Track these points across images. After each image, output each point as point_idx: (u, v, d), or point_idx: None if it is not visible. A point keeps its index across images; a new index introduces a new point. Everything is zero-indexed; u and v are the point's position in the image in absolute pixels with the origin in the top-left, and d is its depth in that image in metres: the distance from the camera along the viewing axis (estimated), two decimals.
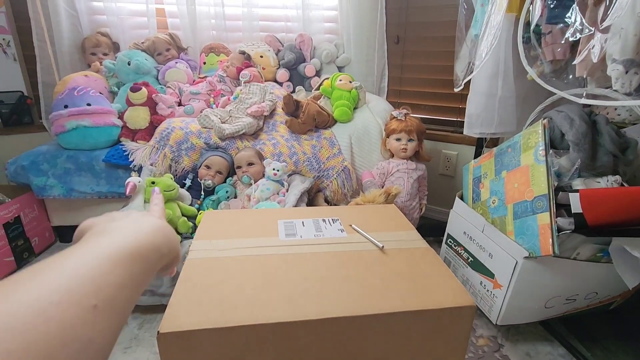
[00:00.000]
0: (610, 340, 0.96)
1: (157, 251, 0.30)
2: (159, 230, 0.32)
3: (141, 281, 0.27)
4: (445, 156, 1.63)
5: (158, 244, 0.30)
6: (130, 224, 0.31)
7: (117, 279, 0.24)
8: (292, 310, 0.55)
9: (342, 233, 0.77)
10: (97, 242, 0.26)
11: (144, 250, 0.28)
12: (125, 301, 0.24)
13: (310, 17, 1.66)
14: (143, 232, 0.30)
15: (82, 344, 0.20)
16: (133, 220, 0.32)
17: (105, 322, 0.22)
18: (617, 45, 0.73)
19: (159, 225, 0.33)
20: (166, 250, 0.32)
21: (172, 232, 0.34)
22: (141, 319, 1.06)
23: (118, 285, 0.24)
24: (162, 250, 0.31)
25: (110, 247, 0.26)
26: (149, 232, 0.30)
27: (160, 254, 0.30)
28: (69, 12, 1.52)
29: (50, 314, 0.19)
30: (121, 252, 0.26)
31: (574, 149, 0.85)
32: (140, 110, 1.36)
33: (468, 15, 1.15)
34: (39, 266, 0.22)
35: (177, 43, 1.61)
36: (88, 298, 0.21)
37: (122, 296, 0.24)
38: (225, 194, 1.23)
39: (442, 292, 0.61)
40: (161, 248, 0.31)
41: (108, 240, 0.27)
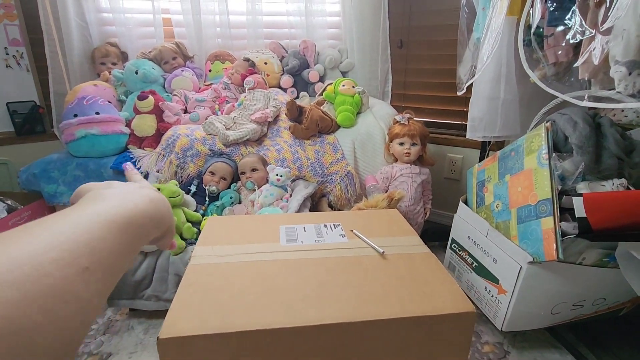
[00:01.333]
0: (620, 347, 0.94)
1: (150, 220, 0.30)
2: (152, 201, 0.32)
3: (133, 248, 0.27)
4: (451, 160, 1.62)
5: (151, 214, 0.31)
6: (126, 192, 0.31)
7: (109, 244, 0.24)
8: (291, 316, 0.55)
9: (343, 238, 0.77)
10: (93, 207, 0.26)
11: (138, 218, 0.28)
12: (115, 266, 0.25)
13: (314, 23, 1.68)
14: (138, 201, 0.30)
15: (80, 302, 0.20)
16: (129, 188, 0.32)
17: (96, 284, 0.22)
18: (620, 46, 0.72)
19: (154, 196, 0.33)
20: (160, 220, 0.32)
21: (165, 204, 0.35)
22: (147, 324, 1.07)
23: (110, 250, 0.24)
24: (155, 220, 0.31)
25: (104, 213, 0.26)
26: (143, 201, 0.31)
27: (153, 223, 0.31)
28: (79, 24, 1.57)
29: (48, 270, 0.19)
30: (115, 219, 0.26)
31: (578, 152, 0.84)
32: (147, 118, 1.39)
33: (470, 18, 1.15)
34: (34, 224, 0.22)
35: (183, 52, 1.65)
36: (81, 260, 0.21)
37: (113, 262, 0.24)
38: (230, 199, 1.24)
39: (443, 298, 0.60)
40: (154, 218, 0.31)
41: (103, 206, 0.27)
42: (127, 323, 1.08)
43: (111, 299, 1.03)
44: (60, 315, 0.19)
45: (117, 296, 1.03)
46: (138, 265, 1.02)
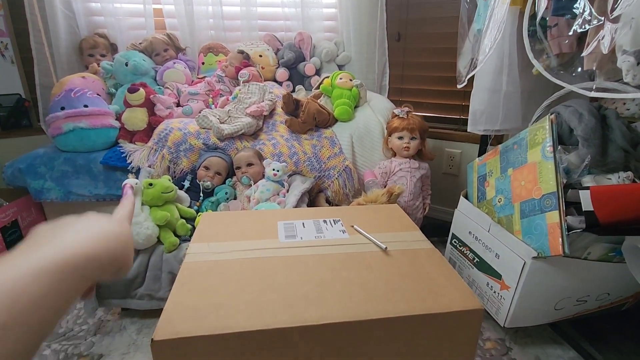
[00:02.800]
0: (622, 342, 0.93)
1: (94, 261, 0.29)
2: (105, 239, 0.30)
3: (70, 292, 0.26)
4: (449, 154, 1.60)
5: (97, 254, 0.29)
6: (75, 231, 0.29)
7: (40, 293, 0.23)
8: (291, 315, 0.53)
9: (343, 234, 0.75)
10: (26, 253, 0.25)
11: (77, 260, 0.27)
12: (47, 316, 0.23)
13: (310, 15, 1.64)
14: (83, 241, 0.28)
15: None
16: (80, 227, 0.30)
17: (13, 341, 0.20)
18: (628, 36, 0.70)
19: (109, 232, 0.32)
20: (107, 261, 0.30)
21: (121, 241, 0.33)
22: (140, 323, 1.04)
23: (39, 300, 0.23)
24: (101, 261, 0.29)
25: (36, 259, 0.24)
26: (91, 240, 0.29)
27: (98, 264, 0.29)
28: (66, 14, 1.51)
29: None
30: (48, 264, 0.24)
31: (584, 144, 0.82)
32: (138, 112, 1.34)
33: (470, 9, 1.12)
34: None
35: (175, 43, 1.60)
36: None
37: (44, 312, 0.23)
38: (225, 195, 1.21)
39: (449, 295, 0.58)
40: (101, 258, 0.29)
41: (39, 251, 0.25)
42: (119, 323, 1.04)
43: (102, 299, 0.99)
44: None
45: (108, 295, 1.00)
46: None
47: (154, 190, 1.02)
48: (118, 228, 0.34)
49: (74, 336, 1.00)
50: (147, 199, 1.02)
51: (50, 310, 0.24)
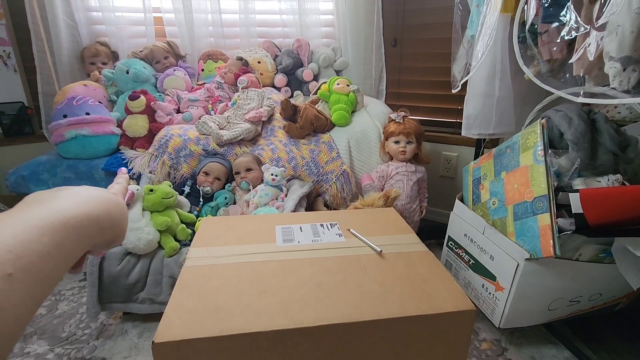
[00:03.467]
0: (616, 342, 0.94)
1: (95, 223, 0.28)
2: (102, 203, 0.30)
3: (71, 252, 0.26)
4: (446, 158, 1.62)
5: (97, 216, 0.29)
6: (72, 194, 0.29)
7: (42, 247, 0.23)
8: (288, 317, 0.54)
9: (340, 238, 0.77)
10: (30, 209, 0.25)
11: (79, 220, 0.27)
12: (49, 271, 0.23)
13: (307, 22, 1.67)
14: (82, 202, 0.28)
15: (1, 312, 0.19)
16: (79, 190, 0.30)
17: (20, 291, 0.21)
18: (614, 42, 0.72)
19: (106, 198, 0.32)
20: (107, 225, 0.30)
21: (118, 208, 0.33)
22: (141, 327, 1.05)
23: (42, 253, 0.23)
24: (101, 224, 0.29)
25: (40, 214, 0.24)
26: (90, 203, 0.29)
27: (98, 227, 0.29)
28: (67, 23, 1.54)
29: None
30: (51, 220, 0.24)
31: (573, 148, 0.84)
32: (138, 119, 1.36)
33: (464, 16, 1.15)
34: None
35: (175, 51, 1.62)
36: (4, 266, 0.20)
37: (46, 265, 0.23)
38: (224, 200, 1.23)
39: (442, 296, 0.60)
40: (100, 221, 0.29)
41: (41, 208, 0.25)
42: (121, 327, 1.06)
43: (104, 303, 1.01)
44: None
45: (110, 300, 1.01)
46: (131, 268, 1.00)
47: (154, 196, 1.04)
48: (115, 197, 0.34)
49: (76, 340, 1.01)
50: (148, 204, 1.04)
51: (54, 266, 0.24)
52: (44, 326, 1.07)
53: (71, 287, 1.25)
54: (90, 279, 0.97)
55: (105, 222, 0.30)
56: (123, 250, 1.01)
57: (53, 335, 1.03)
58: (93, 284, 0.98)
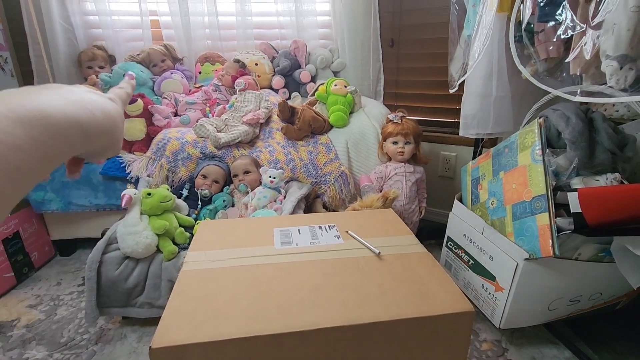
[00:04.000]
0: (617, 341, 0.94)
1: (78, 128, 0.26)
2: (88, 109, 0.28)
3: (49, 151, 0.24)
4: (444, 158, 1.62)
5: (82, 121, 0.27)
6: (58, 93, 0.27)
7: (13, 139, 0.21)
8: (286, 321, 0.54)
9: (338, 240, 0.76)
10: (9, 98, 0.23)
11: (60, 120, 0.24)
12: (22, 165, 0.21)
13: (304, 23, 1.67)
14: (65, 103, 0.26)
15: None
16: (65, 91, 0.28)
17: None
18: (611, 41, 0.72)
19: (94, 103, 0.29)
20: (92, 131, 0.28)
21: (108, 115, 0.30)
22: (140, 332, 1.05)
23: (13, 145, 0.21)
24: (85, 130, 0.27)
25: (18, 106, 0.22)
26: (75, 105, 0.26)
27: (82, 131, 0.27)
28: (64, 27, 1.54)
29: None
30: (27, 114, 0.22)
31: (571, 147, 0.84)
32: (136, 122, 1.36)
33: (460, 16, 1.15)
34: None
35: (172, 54, 1.62)
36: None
37: (18, 159, 0.21)
38: (223, 203, 1.22)
39: (440, 298, 0.60)
40: (84, 127, 0.27)
41: (22, 99, 0.23)
42: (120, 331, 1.06)
43: (103, 307, 1.01)
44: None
45: (108, 304, 1.01)
46: (130, 272, 1.00)
47: (152, 200, 1.03)
48: (108, 103, 0.31)
49: (75, 345, 1.01)
50: (146, 208, 1.03)
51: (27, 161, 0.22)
52: (42, 331, 1.06)
53: (70, 292, 1.25)
54: (89, 284, 0.97)
55: (90, 128, 0.27)
56: (121, 254, 1.01)
57: (52, 341, 1.03)
58: (91, 288, 0.97)
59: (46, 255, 1.44)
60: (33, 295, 1.24)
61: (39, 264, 1.40)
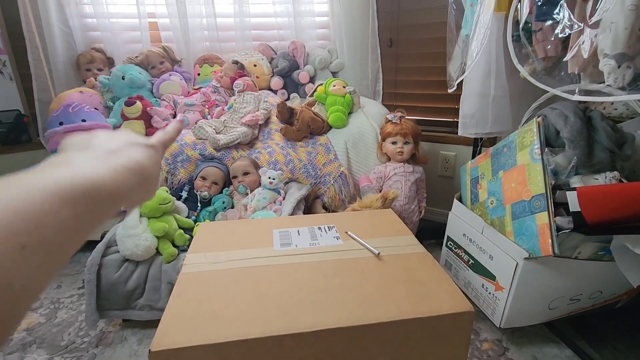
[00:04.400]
0: (618, 339, 0.94)
1: (112, 196, 0.26)
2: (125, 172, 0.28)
3: (88, 225, 0.24)
4: (444, 157, 1.62)
5: (115, 189, 0.26)
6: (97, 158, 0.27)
7: (59, 220, 0.21)
8: (285, 323, 0.54)
9: (337, 240, 0.76)
10: (50, 173, 0.23)
11: (101, 194, 0.25)
12: (64, 245, 0.22)
13: (302, 24, 1.67)
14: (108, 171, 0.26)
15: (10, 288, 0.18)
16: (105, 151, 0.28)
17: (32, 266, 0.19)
18: (608, 39, 0.72)
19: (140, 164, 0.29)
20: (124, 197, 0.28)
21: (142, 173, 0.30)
22: (140, 334, 1.05)
23: (59, 227, 0.21)
24: (118, 197, 0.27)
25: (65, 181, 0.22)
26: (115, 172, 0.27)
27: (115, 199, 0.27)
28: (62, 30, 1.54)
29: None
30: (75, 191, 0.22)
31: (570, 146, 0.84)
32: (135, 124, 1.36)
33: (458, 15, 1.15)
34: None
35: (170, 56, 1.62)
36: (18, 236, 0.18)
37: (61, 239, 0.21)
38: (222, 204, 1.22)
39: (440, 298, 0.60)
40: (118, 193, 0.27)
41: (60, 172, 0.23)
42: (121, 334, 1.06)
43: (103, 310, 1.01)
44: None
45: (108, 307, 1.01)
46: (129, 274, 1.00)
47: (151, 202, 1.03)
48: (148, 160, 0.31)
49: (76, 348, 1.01)
50: (145, 210, 1.03)
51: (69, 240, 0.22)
52: (42, 335, 1.06)
53: (70, 294, 1.25)
54: (88, 287, 0.97)
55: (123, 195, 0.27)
56: (121, 257, 1.01)
57: (52, 344, 1.03)
58: (91, 291, 0.97)
59: None
60: None
61: None
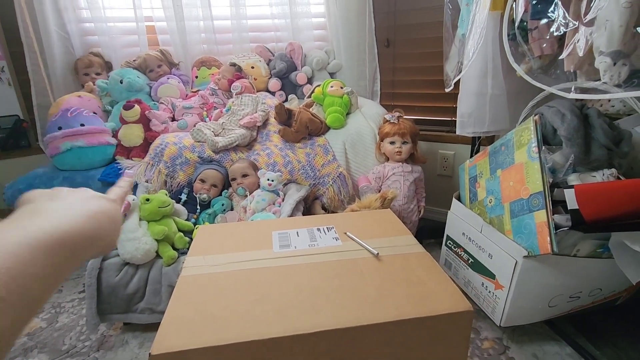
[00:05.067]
0: (618, 336, 0.94)
1: (87, 240, 0.28)
2: (95, 217, 0.30)
3: (63, 271, 0.25)
4: (442, 156, 1.62)
5: (92, 233, 0.29)
6: (65, 208, 0.29)
7: (36, 269, 0.22)
8: (285, 324, 0.54)
9: (337, 241, 0.76)
10: (24, 224, 0.24)
11: (74, 239, 0.26)
12: (40, 293, 0.23)
13: (299, 25, 1.67)
14: (78, 218, 0.28)
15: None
16: (72, 202, 0.30)
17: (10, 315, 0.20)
18: (603, 37, 0.72)
19: (101, 210, 0.31)
20: (98, 240, 0.30)
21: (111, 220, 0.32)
22: (141, 337, 1.05)
23: (35, 276, 0.22)
24: (92, 240, 0.29)
25: (36, 232, 0.24)
26: (84, 218, 0.28)
27: (90, 242, 0.28)
28: (60, 35, 1.54)
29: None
30: (46, 239, 0.24)
31: (567, 144, 0.84)
32: (134, 128, 1.36)
33: (454, 14, 1.15)
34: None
35: (168, 59, 1.63)
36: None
37: (38, 287, 0.22)
38: (221, 207, 1.22)
39: (439, 298, 0.60)
40: (92, 236, 0.29)
41: (37, 224, 0.25)
42: (122, 338, 1.06)
43: (103, 314, 1.01)
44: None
45: (109, 311, 1.01)
46: (130, 278, 1.00)
47: (151, 206, 1.03)
48: (111, 207, 0.33)
49: (77, 353, 1.01)
50: (145, 214, 1.04)
51: (45, 285, 0.23)
52: (44, 339, 1.06)
53: (71, 299, 1.25)
54: (89, 291, 0.97)
55: (98, 238, 0.30)
56: (121, 260, 1.01)
57: (53, 349, 1.03)
58: (91, 295, 0.97)
59: None
60: None
61: None
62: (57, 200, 0.29)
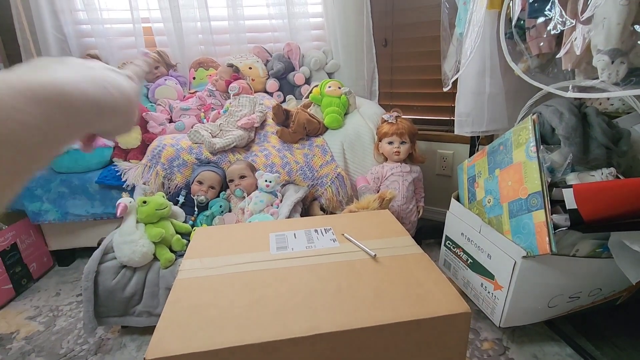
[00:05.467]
0: (618, 336, 0.93)
1: (94, 106, 0.26)
2: (105, 88, 0.28)
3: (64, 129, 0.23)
4: (441, 156, 1.62)
5: (98, 99, 0.27)
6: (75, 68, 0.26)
7: (28, 117, 0.21)
8: (281, 328, 0.54)
9: (334, 243, 0.76)
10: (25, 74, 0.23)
11: (76, 97, 0.24)
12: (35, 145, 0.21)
13: (297, 25, 1.67)
14: (84, 80, 0.26)
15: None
16: (83, 66, 0.28)
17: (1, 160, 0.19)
18: (601, 35, 0.72)
19: (117, 83, 0.29)
20: (109, 110, 0.28)
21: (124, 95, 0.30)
22: (139, 340, 1.04)
23: (27, 124, 0.21)
24: (101, 107, 0.27)
25: (33, 82, 0.22)
26: (93, 82, 0.26)
27: (98, 109, 0.26)
28: (57, 37, 1.54)
29: None
30: (43, 90, 0.22)
31: (565, 143, 0.83)
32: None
33: (451, 13, 1.14)
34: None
35: (165, 60, 1.62)
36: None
37: (32, 138, 0.21)
38: (219, 208, 1.22)
39: (436, 299, 0.59)
40: (101, 104, 0.27)
41: (37, 74, 0.23)
42: (119, 341, 1.05)
43: (101, 317, 1.00)
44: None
45: (107, 314, 1.00)
46: (127, 281, 1.00)
47: (148, 208, 1.03)
48: (126, 82, 0.31)
49: (75, 356, 1.01)
50: (142, 216, 1.03)
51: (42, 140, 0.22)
52: (41, 343, 1.06)
53: (68, 302, 1.25)
54: (86, 294, 0.97)
55: (107, 107, 0.28)
56: (118, 263, 1.00)
57: (51, 352, 1.02)
58: (89, 299, 0.97)
59: (45, 265, 1.44)
60: (32, 306, 1.23)
61: (38, 274, 1.40)
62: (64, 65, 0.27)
